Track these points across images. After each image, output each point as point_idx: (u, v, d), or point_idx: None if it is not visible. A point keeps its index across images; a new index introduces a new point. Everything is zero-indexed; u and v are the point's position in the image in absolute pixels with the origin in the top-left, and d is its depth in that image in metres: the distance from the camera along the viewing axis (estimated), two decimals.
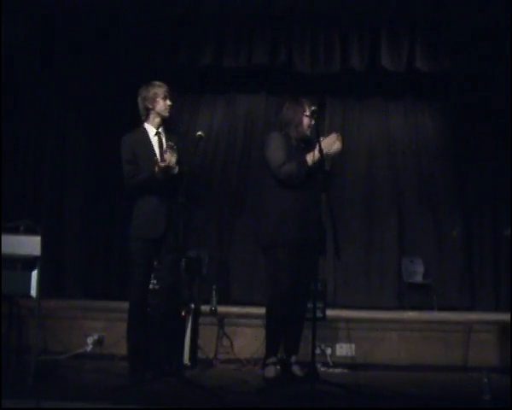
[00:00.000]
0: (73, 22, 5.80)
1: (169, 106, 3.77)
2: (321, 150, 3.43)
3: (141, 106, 3.77)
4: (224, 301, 6.08)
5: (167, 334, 3.74)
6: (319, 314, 4.15)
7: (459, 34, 5.84)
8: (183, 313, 3.77)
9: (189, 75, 6.52)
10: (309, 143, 3.72)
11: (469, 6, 5.52)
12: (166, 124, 3.83)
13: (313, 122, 3.63)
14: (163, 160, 3.53)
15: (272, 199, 3.68)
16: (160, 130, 3.77)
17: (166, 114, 3.78)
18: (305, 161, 3.58)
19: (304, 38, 5.96)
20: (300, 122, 3.69)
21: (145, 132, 3.76)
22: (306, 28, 5.94)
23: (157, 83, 3.78)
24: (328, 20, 5.89)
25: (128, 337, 3.70)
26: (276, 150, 3.65)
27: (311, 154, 3.58)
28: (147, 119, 3.78)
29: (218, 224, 6.89)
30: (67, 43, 5.92)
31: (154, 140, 3.74)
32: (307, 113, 3.69)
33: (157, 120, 3.76)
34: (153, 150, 3.69)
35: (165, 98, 3.74)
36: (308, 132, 3.73)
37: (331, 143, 3.58)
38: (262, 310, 3.80)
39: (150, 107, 3.74)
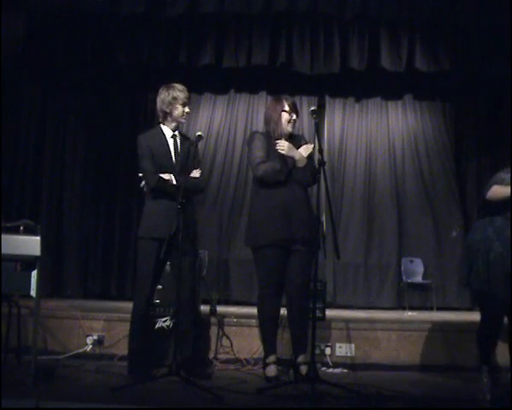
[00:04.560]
0: (73, 22, 5.81)
1: (187, 113, 3.71)
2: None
3: (158, 107, 3.70)
4: (223, 301, 6.10)
5: (187, 337, 3.67)
6: (319, 314, 4.15)
7: (459, 34, 5.85)
8: None
9: (188, 75, 6.52)
10: (292, 139, 3.72)
11: (469, 6, 5.52)
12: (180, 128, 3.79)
13: (315, 121, 3.62)
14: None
15: (257, 199, 3.70)
16: (176, 133, 3.72)
17: (183, 120, 3.74)
18: (286, 161, 3.60)
19: (304, 38, 5.96)
20: (279, 118, 3.68)
21: (161, 133, 3.71)
22: (306, 28, 5.95)
23: (178, 87, 3.68)
24: (328, 20, 5.90)
25: (130, 337, 3.68)
26: (254, 149, 3.66)
27: (294, 154, 3.60)
28: (164, 120, 3.72)
29: (218, 224, 6.90)
30: (67, 42, 5.92)
31: (171, 142, 3.70)
32: (286, 108, 3.69)
33: (173, 124, 3.71)
34: (169, 152, 3.67)
35: (184, 105, 3.67)
36: (290, 128, 3.72)
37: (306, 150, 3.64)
38: None
39: (167, 111, 3.67)
